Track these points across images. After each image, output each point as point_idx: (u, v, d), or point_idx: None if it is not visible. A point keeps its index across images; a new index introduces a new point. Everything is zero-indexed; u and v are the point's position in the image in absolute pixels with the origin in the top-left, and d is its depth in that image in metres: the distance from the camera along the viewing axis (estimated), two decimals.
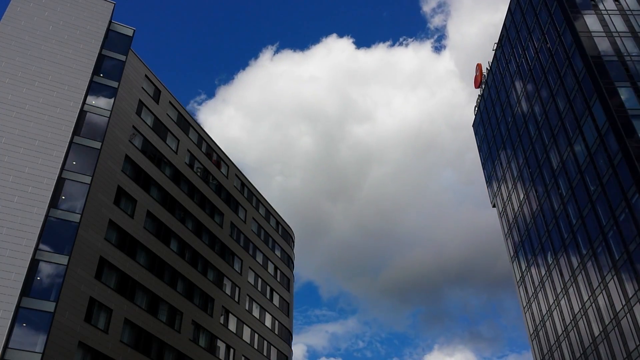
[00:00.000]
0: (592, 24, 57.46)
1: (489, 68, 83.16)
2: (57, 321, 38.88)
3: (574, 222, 57.83)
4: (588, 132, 54.14)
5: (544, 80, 63.86)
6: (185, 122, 61.83)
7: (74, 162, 45.36)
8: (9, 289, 38.13)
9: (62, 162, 44.46)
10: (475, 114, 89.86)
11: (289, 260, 79.46)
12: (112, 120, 49.41)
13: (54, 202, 42.83)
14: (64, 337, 39.16)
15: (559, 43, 60.01)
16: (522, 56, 70.40)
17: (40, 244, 40.71)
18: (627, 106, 50.23)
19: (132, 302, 46.77)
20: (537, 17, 65.98)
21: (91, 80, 49.77)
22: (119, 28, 54.68)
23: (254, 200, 74.03)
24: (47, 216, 41.92)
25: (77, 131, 46.73)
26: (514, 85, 73.27)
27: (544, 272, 66.21)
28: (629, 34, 56.95)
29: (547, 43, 62.92)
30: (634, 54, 55.02)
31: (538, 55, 65.63)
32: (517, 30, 72.06)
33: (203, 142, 64.90)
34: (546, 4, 63.35)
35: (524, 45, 69.98)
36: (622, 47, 55.58)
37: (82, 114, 47.71)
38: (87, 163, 45.83)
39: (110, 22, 54.43)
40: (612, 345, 51.30)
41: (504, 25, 76.36)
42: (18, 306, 37.98)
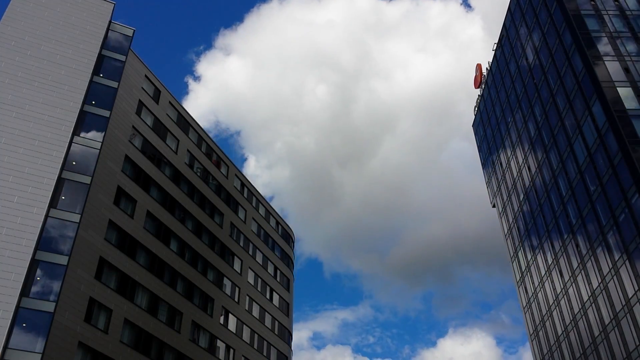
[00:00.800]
0: (592, 24, 57.47)
1: (488, 68, 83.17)
2: (57, 321, 38.86)
3: (574, 222, 57.84)
4: (588, 132, 54.14)
5: (544, 80, 63.85)
6: (185, 122, 61.83)
7: (74, 162, 45.36)
8: (9, 289, 38.12)
9: (62, 162, 44.45)
10: (475, 114, 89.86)
11: (289, 261, 79.45)
12: (111, 120, 49.40)
13: (54, 202, 42.81)
14: (64, 337, 39.14)
15: (558, 43, 60.01)
16: (522, 56, 70.40)
17: (40, 244, 40.69)
18: (627, 106, 50.22)
19: (132, 303, 46.75)
20: (537, 17, 65.98)
21: (91, 81, 49.76)
22: (119, 28, 54.67)
23: (254, 200, 74.04)
24: (47, 216, 41.91)
25: (77, 131, 46.74)
26: (514, 85, 73.26)
27: (543, 272, 66.21)
28: (629, 34, 56.97)
29: (547, 43, 62.92)
30: (633, 54, 55.04)
31: (538, 55, 65.63)
32: (517, 31, 72.06)
33: (203, 142, 64.90)
34: (546, 4, 63.36)
35: (523, 45, 69.98)
36: (622, 47, 55.59)
37: (82, 114, 47.69)
38: (87, 163, 45.84)
39: (110, 22, 54.43)
40: (612, 345, 51.30)
41: (503, 25, 76.36)
42: (18, 306, 37.97)
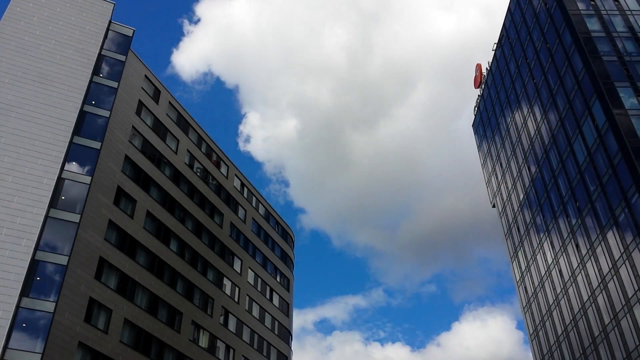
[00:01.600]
0: (592, 24, 57.49)
1: (488, 68, 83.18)
2: (56, 321, 38.85)
3: (574, 223, 57.85)
4: (588, 132, 54.16)
5: (544, 80, 63.86)
6: (185, 122, 61.82)
7: (74, 162, 45.36)
8: (9, 289, 38.12)
9: (62, 162, 44.45)
10: (475, 114, 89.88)
11: (289, 261, 79.45)
12: (111, 120, 49.39)
13: (54, 202, 42.80)
14: (64, 337, 39.13)
15: (558, 43, 60.02)
16: (522, 56, 70.41)
17: (40, 244, 40.69)
18: (626, 106, 50.25)
19: (132, 303, 46.74)
20: (536, 17, 65.98)
21: (91, 81, 49.76)
22: (119, 28, 54.67)
23: (254, 200, 74.03)
24: (47, 216, 41.90)
25: (77, 131, 46.72)
26: (514, 85, 73.27)
27: (544, 272, 66.22)
28: (629, 34, 56.98)
29: (547, 43, 62.92)
30: (634, 54, 55.05)
31: (538, 55, 65.64)
32: (517, 31, 72.07)
33: (203, 142, 64.89)
34: (546, 4, 63.37)
35: (523, 45, 69.99)
36: (622, 47, 55.61)
37: (81, 114, 47.68)
38: (87, 163, 45.84)
39: (110, 22, 54.43)
40: (612, 345, 51.32)
41: (503, 25, 76.37)
42: (18, 306, 37.97)
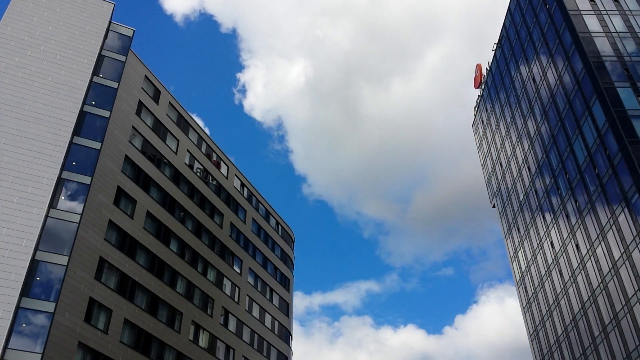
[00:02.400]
0: (592, 24, 57.47)
1: (488, 68, 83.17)
2: (56, 322, 38.86)
3: (574, 223, 57.85)
4: (588, 132, 54.15)
5: (544, 80, 63.87)
6: (185, 123, 61.83)
7: (74, 162, 45.35)
8: (9, 289, 38.12)
9: (62, 162, 44.45)
10: (475, 114, 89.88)
11: (289, 261, 79.46)
12: (111, 120, 49.39)
13: (54, 203, 42.81)
14: (64, 337, 39.14)
15: (558, 43, 60.02)
16: (522, 56, 70.40)
17: (40, 244, 40.69)
18: (626, 106, 50.22)
19: (132, 303, 46.74)
20: (536, 18, 65.98)
21: (91, 81, 49.77)
22: (119, 28, 54.68)
23: (254, 200, 74.04)
24: (47, 216, 41.91)
25: (77, 131, 46.73)
26: (514, 85, 73.28)
27: (544, 273, 66.21)
28: (629, 34, 56.96)
29: (547, 43, 62.92)
30: (633, 54, 55.04)
31: (538, 55, 65.64)
32: (517, 31, 72.07)
33: (203, 142, 64.90)
34: (546, 5, 63.36)
35: (523, 45, 69.98)
36: (622, 47, 55.59)
37: (81, 114, 47.70)
38: (87, 163, 45.82)
39: (110, 23, 54.43)
40: (612, 345, 51.31)
41: (503, 25, 76.36)
42: (18, 306, 37.97)
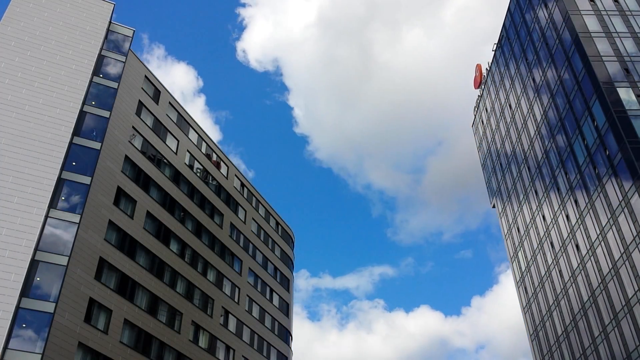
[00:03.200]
0: (592, 24, 57.48)
1: (488, 69, 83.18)
2: (56, 322, 38.83)
3: (574, 223, 57.85)
4: (588, 132, 54.16)
5: (544, 80, 63.87)
6: (185, 123, 61.82)
7: (74, 163, 45.33)
8: (9, 290, 38.09)
9: (62, 162, 44.42)
10: (475, 114, 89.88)
11: (289, 261, 79.44)
12: (111, 120, 49.38)
13: (54, 203, 42.80)
14: (64, 337, 39.11)
15: (558, 43, 60.03)
16: (522, 56, 70.41)
17: (40, 244, 40.67)
18: (626, 106, 50.23)
19: (132, 303, 46.72)
20: (536, 18, 65.99)
21: (91, 81, 49.75)
22: (119, 29, 54.67)
23: (254, 200, 74.02)
24: (47, 217, 41.89)
25: (77, 131, 46.72)
26: (514, 85, 73.28)
27: (544, 273, 66.22)
28: (629, 34, 56.97)
29: (547, 43, 62.93)
30: (633, 54, 55.04)
31: (538, 55, 65.65)
32: (517, 31, 72.08)
33: (203, 142, 64.89)
34: (545, 5, 63.37)
35: (523, 45, 69.99)
36: (622, 47, 55.60)
37: (81, 114, 47.69)
38: (87, 163, 45.81)
39: (110, 23, 54.43)
40: (612, 345, 51.30)
41: (503, 25, 76.38)
42: (18, 307, 37.95)
